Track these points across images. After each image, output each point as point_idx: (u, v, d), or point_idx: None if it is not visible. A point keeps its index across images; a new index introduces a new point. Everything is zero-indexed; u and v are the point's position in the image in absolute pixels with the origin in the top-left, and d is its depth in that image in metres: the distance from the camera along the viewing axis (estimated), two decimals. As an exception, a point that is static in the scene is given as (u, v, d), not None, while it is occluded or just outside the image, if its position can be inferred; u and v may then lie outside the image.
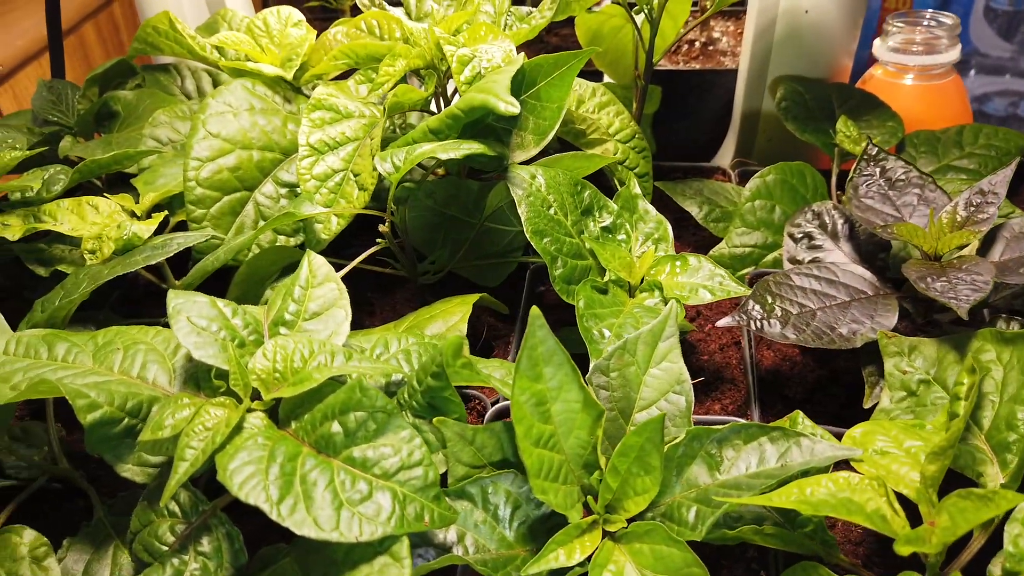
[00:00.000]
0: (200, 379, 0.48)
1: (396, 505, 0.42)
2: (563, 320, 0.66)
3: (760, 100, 0.94)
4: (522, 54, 0.65)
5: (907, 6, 2.15)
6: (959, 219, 0.62)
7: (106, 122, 0.89)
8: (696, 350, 0.74)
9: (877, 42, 1.00)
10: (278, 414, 0.47)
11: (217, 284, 0.67)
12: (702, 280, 0.64)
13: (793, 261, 0.70)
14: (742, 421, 0.50)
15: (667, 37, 0.95)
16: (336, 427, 0.43)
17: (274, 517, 0.39)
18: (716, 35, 1.10)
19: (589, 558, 0.46)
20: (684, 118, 1.04)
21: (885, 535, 0.40)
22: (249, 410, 0.46)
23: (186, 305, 0.48)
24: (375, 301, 0.79)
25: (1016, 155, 0.84)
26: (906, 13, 0.97)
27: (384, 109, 0.66)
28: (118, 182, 0.86)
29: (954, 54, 0.94)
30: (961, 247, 0.61)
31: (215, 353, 0.47)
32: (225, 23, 0.88)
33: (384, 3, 0.83)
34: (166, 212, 0.68)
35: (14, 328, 0.61)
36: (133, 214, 0.69)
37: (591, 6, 0.85)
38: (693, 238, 0.87)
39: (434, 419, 0.46)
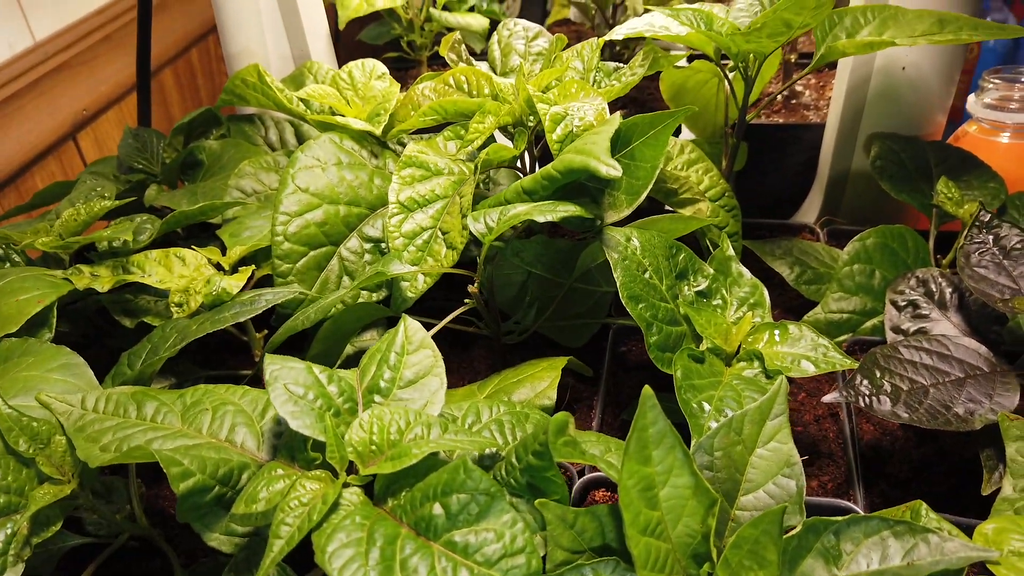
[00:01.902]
0: (295, 449, 0.47)
1: (499, 596, 0.39)
2: (646, 382, 0.63)
3: (850, 157, 0.91)
4: (618, 113, 0.63)
5: (974, 57, 2.11)
6: (1086, 294, 0.58)
7: (190, 171, 0.90)
8: (791, 422, 0.70)
9: (971, 98, 0.97)
10: (374, 490, 0.45)
11: (295, 339, 0.66)
12: (804, 351, 0.61)
13: (896, 331, 0.66)
14: (859, 512, 0.46)
15: (753, 92, 0.93)
16: (438, 509, 0.41)
17: (375, 606, 0.37)
18: (799, 88, 1.07)
19: (698, 658, 0.43)
20: (766, 173, 1.01)
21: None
22: (345, 485, 0.44)
23: (283, 372, 0.47)
24: (452, 359, 0.78)
25: None
26: (1003, 68, 0.94)
27: (475, 167, 0.64)
28: (199, 231, 0.87)
29: (1054, 111, 0.91)
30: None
31: (312, 423, 0.45)
32: (311, 75, 0.89)
33: (471, 58, 0.83)
34: (253, 267, 0.68)
35: (99, 378, 0.61)
36: (219, 267, 0.68)
37: (677, 62, 0.83)
38: (781, 299, 0.84)
39: (536, 501, 0.44)
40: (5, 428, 0.51)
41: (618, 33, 0.76)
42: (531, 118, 0.69)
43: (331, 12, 1.04)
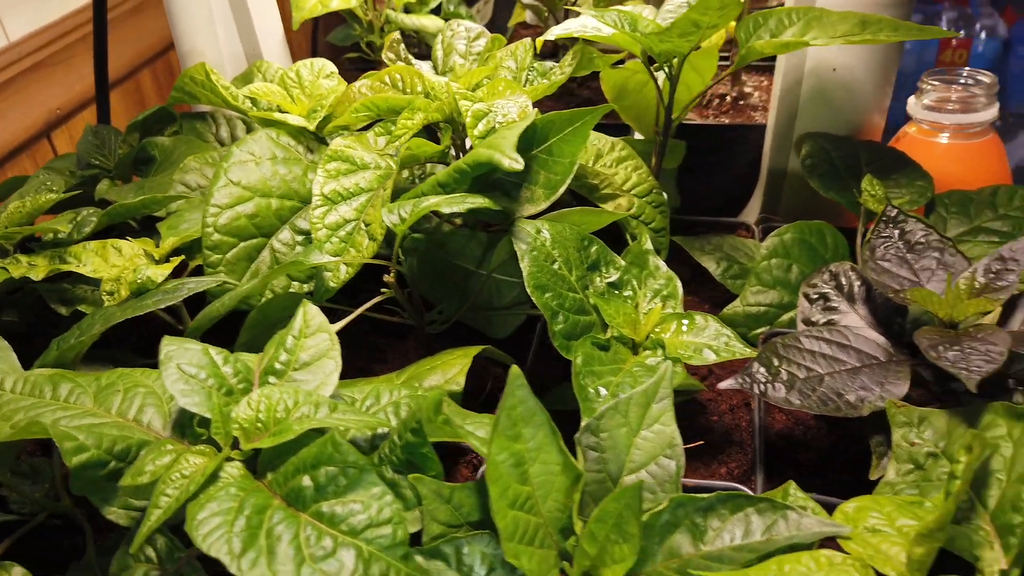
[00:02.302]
0: (185, 426, 0.49)
1: (360, 563, 0.41)
2: (568, 375, 0.65)
3: (787, 157, 0.92)
4: (535, 109, 0.65)
5: (963, 62, 2.11)
6: (977, 286, 0.60)
7: (143, 167, 0.92)
8: (706, 410, 0.72)
9: (911, 100, 0.98)
10: (257, 465, 0.47)
11: (235, 328, 0.68)
12: (707, 340, 0.63)
13: (807, 322, 0.68)
14: (732, 490, 0.48)
15: (693, 91, 0.95)
16: (307, 481, 0.43)
17: (234, 571, 0.39)
18: (748, 90, 1.09)
19: (561, 628, 0.45)
20: (712, 173, 1.03)
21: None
22: (228, 459, 0.46)
23: (177, 352, 0.49)
24: (388, 348, 0.80)
25: (1054, 218, 0.81)
26: (944, 70, 0.95)
27: (398, 162, 0.67)
28: (153, 226, 0.89)
29: (991, 113, 0.92)
30: (979, 315, 0.59)
31: (200, 401, 0.47)
32: (260, 74, 0.91)
33: (410, 57, 0.85)
34: (183, 257, 0.70)
35: (31, 366, 0.63)
36: (152, 258, 0.71)
37: (615, 62, 0.85)
38: (712, 294, 0.86)
39: (410, 476, 0.46)
40: (-80, 407, 0.53)
41: (551, 34, 0.78)
42: (460, 116, 0.71)
43: (289, 13, 1.06)
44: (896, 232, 0.66)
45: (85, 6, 1.45)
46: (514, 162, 0.57)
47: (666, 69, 0.74)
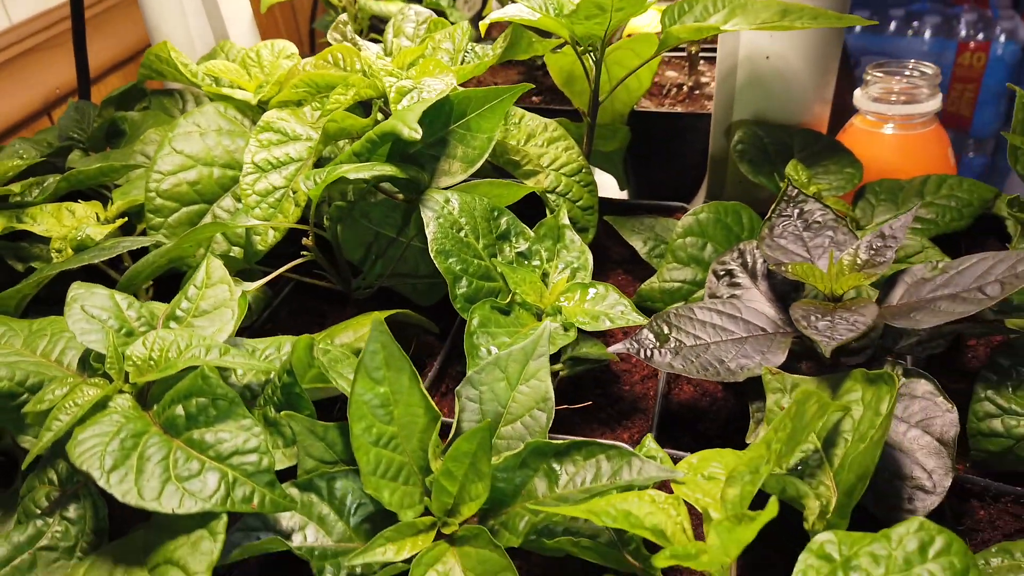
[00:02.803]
0: (87, 364, 0.53)
1: (223, 485, 0.45)
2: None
3: (727, 146, 0.95)
4: (448, 87, 0.69)
5: (981, 65, 2.10)
6: (859, 262, 0.62)
7: (115, 140, 0.98)
8: (619, 380, 0.75)
9: (858, 92, 1.00)
10: (148, 399, 0.51)
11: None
12: (606, 308, 0.66)
13: (713, 297, 0.71)
14: (585, 440, 0.51)
15: (643, 81, 0.98)
16: (180, 410, 0.47)
17: (101, 484, 0.44)
18: (705, 80, 1.12)
19: (413, 557, 0.48)
20: (665, 160, 1.06)
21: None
22: (120, 392, 0.50)
23: (83, 295, 0.53)
24: (328, 314, 0.84)
25: (977, 207, 0.83)
26: (887, 62, 0.97)
27: (323, 132, 0.71)
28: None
29: (934, 104, 0.94)
30: (858, 289, 0.61)
31: (99, 340, 0.52)
32: (224, 54, 0.96)
33: (356, 38, 0.89)
34: (127, 219, 0.75)
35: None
36: (99, 219, 0.75)
37: (555, 47, 0.88)
38: (645, 275, 0.88)
39: (283, 413, 0.50)
40: None
41: (488, 19, 0.82)
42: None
43: (261, -2, 1.11)
44: (796, 211, 0.69)
45: (87, -10, 1.51)
46: (413, 132, 0.60)
47: (590, 52, 0.78)
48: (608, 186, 1.08)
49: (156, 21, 1.02)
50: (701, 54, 1.16)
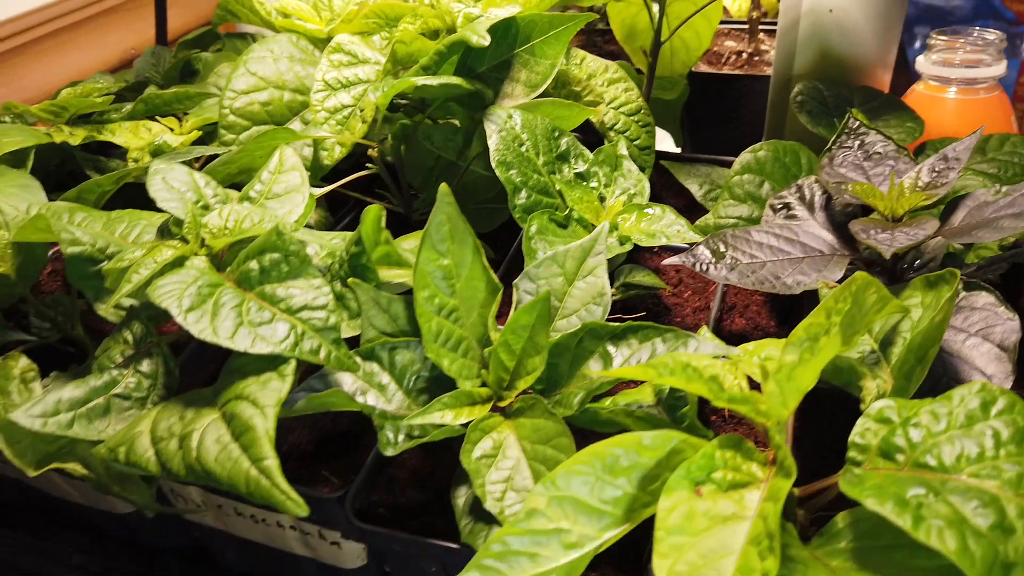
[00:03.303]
0: (165, 232, 0.56)
1: (292, 334, 0.47)
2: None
3: (787, 101, 0.95)
4: (515, 7, 0.70)
5: None
6: (920, 184, 0.62)
7: (189, 79, 1.01)
8: (670, 312, 0.76)
9: (920, 57, 1.00)
10: (221, 263, 0.53)
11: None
12: (662, 227, 0.67)
13: (769, 227, 0.71)
14: (641, 323, 0.52)
15: (702, 36, 0.99)
16: (254, 264, 0.49)
17: (179, 320, 0.46)
18: (764, 47, 1.12)
19: (469, 424, 0.49)
20: (719, 122, 1.06)
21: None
22: (195, 255, 0.52)
23: (165, 168, 0.56)
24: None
25: (1041, 163, 0.82)
26: (951, 28, 0.97)
27: (392, 53, 0.73)
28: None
29: (998, 69, 0.93)
30: (918, 209, 0.61)
31: (178, 207, 0.54)
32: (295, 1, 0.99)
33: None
34: (200, 133, 0.78)
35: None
36: (175, 132, 0.79)
37: (618, -5, 0.90)
38: (693, 217, 0.89)
39: (349, 280, 0.52)
40: (-43, 214, 0.61)
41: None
42: (454, 20, 0.77)
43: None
44: (856, 143, 0.69)
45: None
46: (482, 39, 0.62)
47: (656, -10, 0.79)
48: (664, 146, 1.09)
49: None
50: (761, 25, 1.16)
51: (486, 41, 0.62)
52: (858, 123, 0.70)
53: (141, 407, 0.51)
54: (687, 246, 0.64)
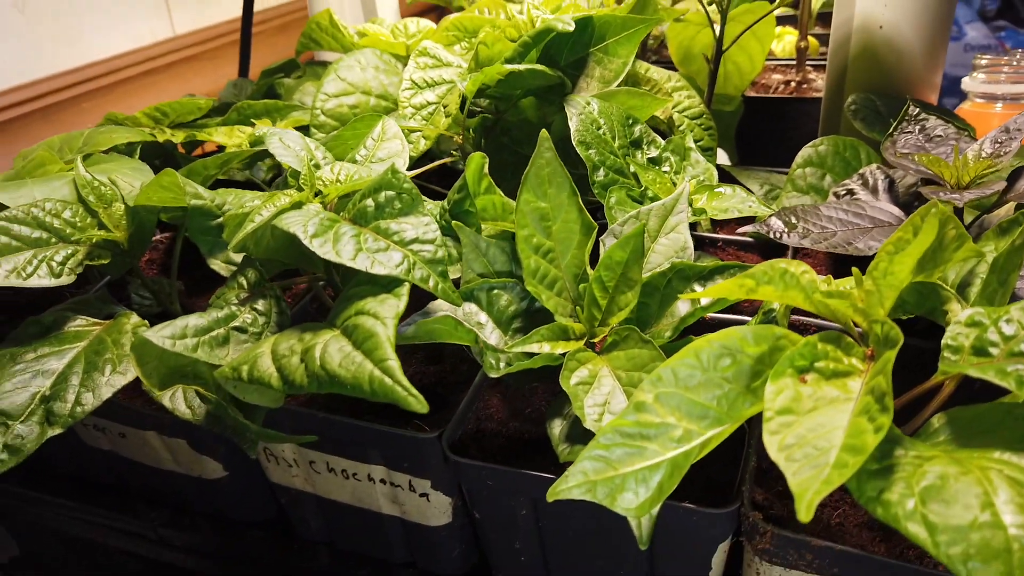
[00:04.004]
0: (281, 185, 0.60)
1: (406, 261, 0.51)
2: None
3: (839, 118, 1.00)
4: (594, 12, 0.76)
5: None
6: (984, 154, 0.65)
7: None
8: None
9: (966, 79, 1.04)
10: (333, 210, 0.57)
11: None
12: (735, 204, 0.71)
13: (834, 211, 0.74)
14: (729, 263, 0.55)
15: (755, 61, 1.05)
16: (370, 203, 0.53)
17: (305, 242, 0.50)
18: (811, 77, 1.17)
19: (564, 355, 0.52)
20: (773, 143, 1.11)
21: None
22: (310, 201, 0.57)
23: (280, 131, 0.61)
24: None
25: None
26: (991, 53, 1.02)
27: (475, 54, 0.79)
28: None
29: (1043, 84, 0.97)
30: (983, 177, 0.64)
31: (294, 161, 0.59)
32: (375, 24, 1.07)
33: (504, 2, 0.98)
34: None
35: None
36: (269, 132, 0.85)
37: (678, 16, 0.96)
38: (759, 224, 0.92)
39: (452, 223, 0.55)
40: (81, 184, 0.67)
41: (621, -18, 0.90)
42: (533, 26, 0.83)
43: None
44: (917, 128, 0.73)
45: (239, 17, 1.69)
46: (567, 25, 0.68)
47: (718, 1, 0.85)
48: (719, 162, 1.13)
49: (318, 6, 1.15)
50: (808, 62, 1.22)
51: (571, 27, 0.68)
52: (917, 110, 0.73)
53: (256, 340, 0.54)
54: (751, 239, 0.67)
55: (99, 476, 0.80)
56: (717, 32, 0.87)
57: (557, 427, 0.53)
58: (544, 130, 0.54)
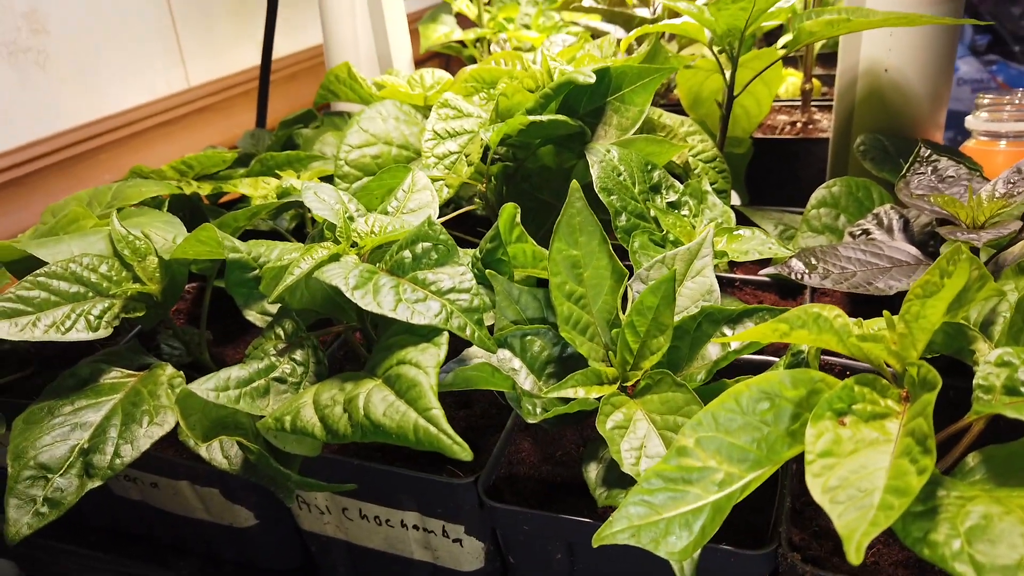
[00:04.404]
0: (316, 238, 0.62)
1: (444, 310, 0.52)
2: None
3: (847, 158, 1.02)
4: (610, 60, 0.79)
5: None
6: (997, 195, 0.67)
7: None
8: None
9: (969, 118, 1.07)
10: (368, 261, 0.59)
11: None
12: (754, 246, 0.72)
13: (851, 250, 0.76)
14: (757, 306, 0.56)
15: (763, 104, 1.07)
16: (407, 254, 0.55)
17: (347, 294, 0.51)
18: (817, 117, 1.20)
19: (599, 399, 0.53)
20: (780, 183, 1.13)
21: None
22: (347, 254, 0.58)
23: (315, 186, 0.63)
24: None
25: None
26: (997, 88, 1.04)
27: (495, 105, 0.81)
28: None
29: (1045, 122, 1.00)
30: (997, 216, 0.66)
31: (330, 214, 0.60)
32: (391, 75, 1.10)
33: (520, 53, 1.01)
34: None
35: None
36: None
37: (688, 63, 0.99)
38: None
39: (486, 272, 0.57)
40: (117, 239, 0.68)
41: (636, 32, 0.93)
42: (551, 77, 0.86)
43: (415, 39, 1.27)
44: (929, 168, 0.75)
45: (251, 67, 1.73)
46: (588, 77, 0.70)
47: (727, 48, 0.87)
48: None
49: (335, 59, 1.18)
50: (813, 103, 1.25)
51: (592, 79, 0.70)
52: (929, 151, 0.75)
53: (296, 390, 0.56)
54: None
55: (129, 527, 0.80)
56: (728, 78, 0.89)
57: (593, 471, 0.54)
58: (575, 180, 0.56)
